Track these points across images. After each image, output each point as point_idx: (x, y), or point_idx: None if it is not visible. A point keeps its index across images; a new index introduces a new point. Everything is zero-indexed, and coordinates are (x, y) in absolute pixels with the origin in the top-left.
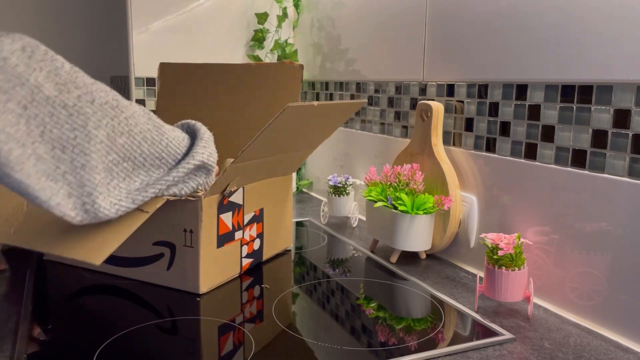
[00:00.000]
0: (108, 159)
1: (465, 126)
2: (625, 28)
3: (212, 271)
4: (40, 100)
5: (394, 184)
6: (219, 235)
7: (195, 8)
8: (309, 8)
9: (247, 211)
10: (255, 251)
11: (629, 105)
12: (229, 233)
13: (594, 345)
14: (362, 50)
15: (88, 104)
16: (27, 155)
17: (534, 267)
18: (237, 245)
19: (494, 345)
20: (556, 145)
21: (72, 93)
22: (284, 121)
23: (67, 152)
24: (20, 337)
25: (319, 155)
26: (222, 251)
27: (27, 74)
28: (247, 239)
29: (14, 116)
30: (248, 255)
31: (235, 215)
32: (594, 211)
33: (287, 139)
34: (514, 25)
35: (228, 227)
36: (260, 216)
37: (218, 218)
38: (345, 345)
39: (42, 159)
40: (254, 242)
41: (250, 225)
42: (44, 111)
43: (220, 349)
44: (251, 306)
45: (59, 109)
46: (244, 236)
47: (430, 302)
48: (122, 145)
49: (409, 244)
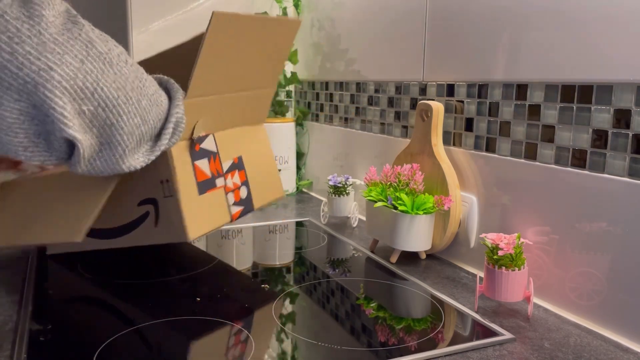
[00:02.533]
0: (134, 122)
1: (465, 126)
2: (625, 28)
3: (199, 217)
4: (94, 55)
5: (394, 184)
6: (198, 182)
7: (195, 8)
8: (309, 8)
9: (224, 158)
10: (243, 199)
11: (629, 105)
12: (209, 180)
13: (594, 345)
14: (362, 50)
15: (124, 64)
16: (76, 111)
17: (534, 267)
18: (221, 193)
19: (494, 345)
20: (556, 145)
21: (113, 51)
22: (218, 34)
23: (106, 111)
24: (20, 337)
25: (319, 155)
26: (205, 198)
27: (77, 29)
28: (231, 187)
29: (71, 69)
30: (236, 204)
31: (211, 162)
32: (594, 211)
33: (235, 66)
34: (514, 25)
35: (206, 174)
36: (240, 164)
37: (193, 165)
38: (345, 345)
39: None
40: (240, 190)
41: (231, 172)
42: (97, 67)
43: (220, 349)
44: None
45: (107, 66)
46: (227, 183)
47: (430, 302)
48: (144, 108)
49: (409, 244)
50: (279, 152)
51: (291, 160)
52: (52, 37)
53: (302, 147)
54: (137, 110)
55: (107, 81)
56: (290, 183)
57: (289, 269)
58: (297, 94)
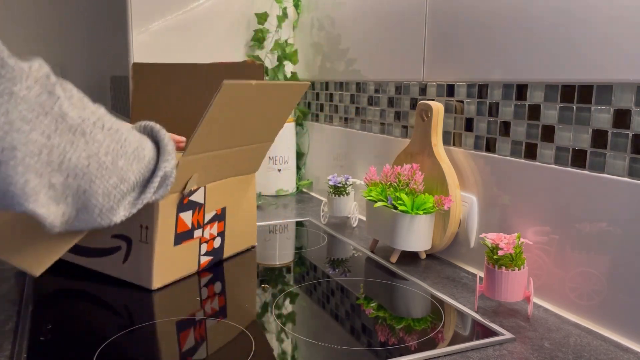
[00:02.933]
0: (109, 183)
1: (465, 126)
2: (625, 28)
3: (167, 268)
4: (64, 129)
5: (394, 184)
6: (177, 234)
7: (195, 8)
8: (309, 8)
9: (209, 210)
10: (215, 249)
11: (629, 105)
12: (188, 232)
13: (594, 345)
14: (362, 50)
15: (99, 130)
16: (42, 185)
17: (534, 267)
18: (196, 244)
19: (493, 345)
20: (556, 145)
21: (89, 120)
22: (226, 101)
23: (77, 179)
24: (20, 337)
25: (319, 155)
26: (179, 249)
27: (51, 102)
28: (207, 237)
29: (36, 147)
30: (207, 253)
31: (195, 214)
32: (594, 211)
33: (237, 126)
34: (514, 25)
35: (187, 225)
36: (222, 215)
37: (177, 217)
38: (345, 345)
39: (54, 187)
40: (214, 241)
41: (211, 224)
42: (65, 139)
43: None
44: (212, 303)
45: (78, 136)
46: (204, 234)
47: (430, 302)
48: (121, 168)
49: (409, 244)
50: (279, 152)
51: (291, 160)
52: (20, 114)
53: (302, 147)
54: (113, 171)
55: (77, 151)
56: (290, 183)
57: (289, 269)
58: None
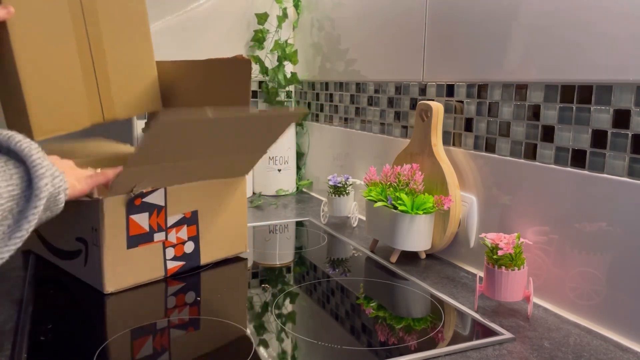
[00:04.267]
0: None
1: (464, 126)
2: (625, 28)
3: (123, 271)
4: None
5: (393, 184)
6: (130, 236)
7: (195, 8)
8: (309, 8)
9: (172, 213)
10: (187, 254)
11: (629, 106)
12: (145, 234)
13: (593, 345)
14: (362, 50)
15: None
16: None
17: (533, 267)
18: (159, 247)
19: (493, 345)
20: (556, 145)
21: None
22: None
23: None
24: (20, 337)
25: (319, 155)
26: (135, 252)
27: None
28: (173, 241)
29: None
30: (176, 258)
31: (154, 216)
32: (594, 211)
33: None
34: (514, 26)
35: (143, 228)
36: (193, 218)
37: (128, 219)
38: (345, 345)
39: None
40: (185, 245)
41: (177, 227)
42: None
43: (221, 348)
44: (180, 312)
45: None
46: (168, 238)
47: (430, 302)
48: None
49: (408, 244)
50: (279, 152)
51: (291, 160)
52: None
53: (302, 147)
54: None
55: None
56: (290, 183)
57: (289, 269)
58: (297, 94)
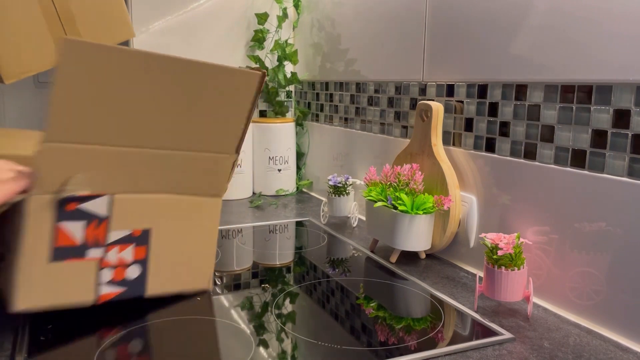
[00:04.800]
0: None
1: (465, 126)
2: (625, 28)
3: (40, 287)
4: None
5: (393, 184)
6: (55, 247)
7: (195, 8)
8: (309, 8)
9: (117, 227)
10: (128, 280)
11: (629, 105)
12: (75, 248)
13: (593, 345)
14: (362, 50)
15: None
16: None
17: (533, 267)
18: (91, 266)
19: (493, 345)
20: (556, 145)
21: None
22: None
23: None
24: (20, 337)
25: (319, 155)
26: (59, 267)
27: None
28: (113, 262)
29: None
30: (114, 283)
31: (91, 227)
32: (594, 211)
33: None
34: (514, 25)
35: (74, 240)
36: (143, 238)
37: (54, 226)
38: (345, 345)
39: None
40: (127, 269)
41: (121, 245)
42: None
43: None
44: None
45: None
46: (107, 257)
47: (430, 302)
48: None
49: (408, 244)
50: (279, 152)
51: (291, 160)
52: None
53: (302, 147)
54: None
55: None
56: (290, 183)
57: (289, 269)
58: (297, 94)
